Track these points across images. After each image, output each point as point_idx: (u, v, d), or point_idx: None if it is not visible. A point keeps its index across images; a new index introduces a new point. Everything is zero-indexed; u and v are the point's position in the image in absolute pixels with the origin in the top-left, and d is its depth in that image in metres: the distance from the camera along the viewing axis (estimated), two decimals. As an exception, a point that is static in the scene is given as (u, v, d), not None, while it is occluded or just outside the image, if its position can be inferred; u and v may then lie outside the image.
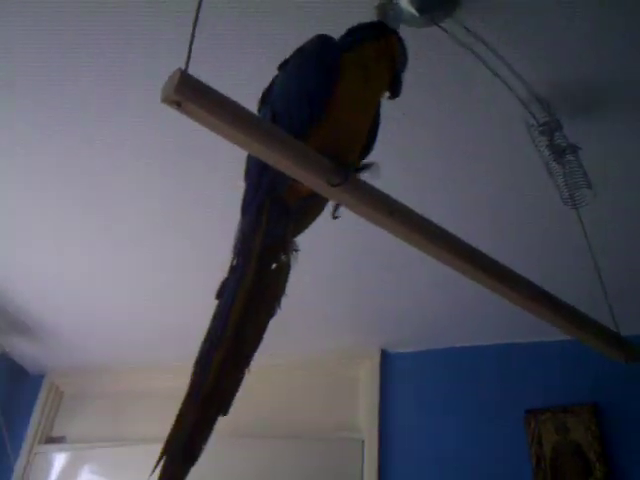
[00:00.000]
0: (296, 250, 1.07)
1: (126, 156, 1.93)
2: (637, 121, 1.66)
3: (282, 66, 1.16)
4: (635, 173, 1.80)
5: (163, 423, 2.98)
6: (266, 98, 1.13)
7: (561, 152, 1.56)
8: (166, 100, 0.75)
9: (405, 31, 1.46)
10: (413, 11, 1.39)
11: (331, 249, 2.20)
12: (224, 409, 0.98)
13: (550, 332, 2.29)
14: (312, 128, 1.00)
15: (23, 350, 2.98)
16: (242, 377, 1.00)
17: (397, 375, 2.63)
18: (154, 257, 2.34)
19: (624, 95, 1.61)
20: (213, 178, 1.96)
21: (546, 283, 1.20)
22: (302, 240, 2.11)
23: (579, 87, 1.59)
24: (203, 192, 2.03)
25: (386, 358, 2.69)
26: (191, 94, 0.74)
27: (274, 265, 1.05)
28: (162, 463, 0.92)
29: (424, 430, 2.47)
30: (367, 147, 1.14)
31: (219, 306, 0.99)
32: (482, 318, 2.44)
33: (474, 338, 2.57)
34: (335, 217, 1.07)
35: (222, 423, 2.80)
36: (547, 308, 1.15)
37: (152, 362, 2.93)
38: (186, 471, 0.93)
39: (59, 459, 2.93)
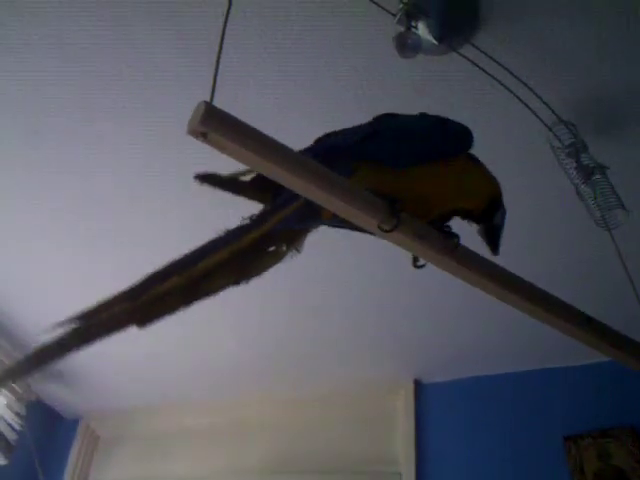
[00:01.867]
0: (298, 251, 1.07)
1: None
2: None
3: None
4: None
5: (199, 460, 2.99)
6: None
7: (589, 173, 1.54)
8: (192, 132, 0.76)
9: (424, 60, 1.49)
10: (432, 39, 1.39)
11: (358, 280, 2.20)
12: (143, 322, 1.02)
13: (582, 356, 2.29)
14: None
15: (57, 395, 3.00)
16: (173, 310, 1.02)
17: (432, 405, 2.61)
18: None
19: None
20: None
21: (585, 306, 1.18)
22: (332, 274, 2.15)
23: (602, 106, 1.59)
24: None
25: (420, 388, 2.67)
26: (217, 125, 0.75)
27: (273, 247, 1.05)
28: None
29: (462, 461, 2.42)
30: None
31: (208, 242, 0.99)
32: (513, 345, 2.42)
33: (507, 365, 2.54)
34: (418, 266, 1.06)
35: (255, 459, 2.79)
36: (590, 334, 1.13)
37: (185, 400, 2.94)
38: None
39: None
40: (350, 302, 2.30)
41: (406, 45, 1.40)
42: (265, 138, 0.79)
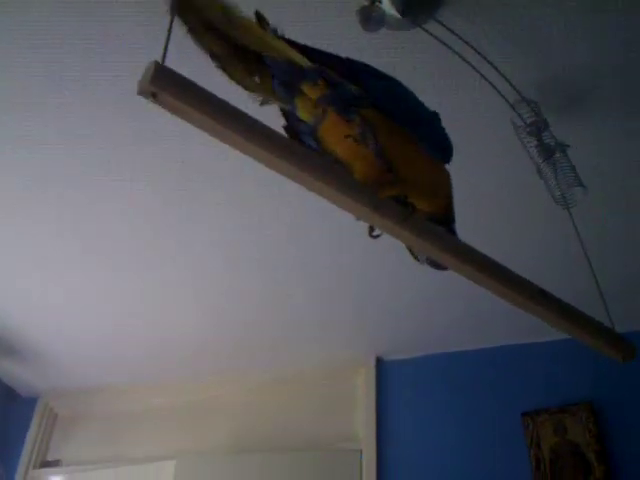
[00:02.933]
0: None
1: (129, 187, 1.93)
2: (624, 118, 1.67)
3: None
4: (624, 169, 1.81)
5: (159, 443, 2.98)
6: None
7: (550, 152, 1.55)
8: (142, 92, 0.74)
9: (388, 35, 1.48)
10: (395, 14, 1.38)
11: (323, 259, 2.19)
12: None
13: (542, 333, 2.33)
14: None
15: (14, 373, 2.94)
16: None
17: (393, 383, 2.63)
18: (148, 278, 2.32)
19: (610, 93, 1.62)
20: (210, 200, 1.97)
21: (540, 282, 1.18)
22: (295, 253, 2.14)
23: (565, 85, 1.59)
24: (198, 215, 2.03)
25: (382, 366, 2.68)
26: (167, 85, 0.73)
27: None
28: None
29: (422, 437, 2.45)
30: None
31: None
32: (475, 322, 2.45)
33: (468, 342, 2.57)
34: (374, 236, 1.04)
35: (221, 439, 2.80)
36: (544, 307, 1.13)
37: (146, 382, 2.91)
38: None
39: (55, 483, 2.89)
40: (314, 282, 2.30)
41: (370, 18, 1.38)
42: (217, 100, 0.77)
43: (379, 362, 2.69)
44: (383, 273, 2.24)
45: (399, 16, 1.39)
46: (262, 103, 1.05)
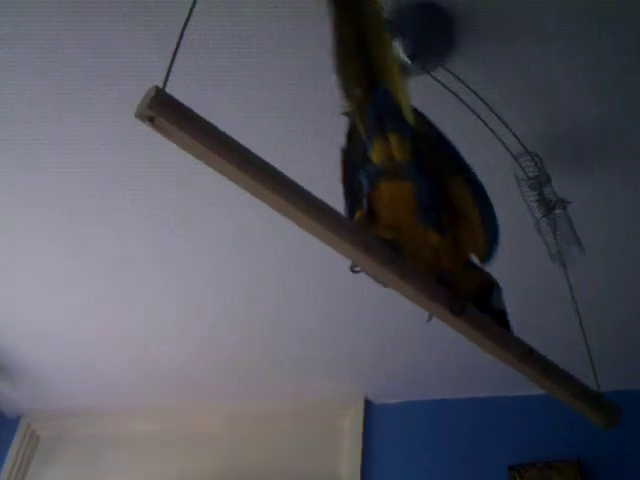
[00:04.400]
0: None
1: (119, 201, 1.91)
2: (626, 179, 1.68)
3: None
4: (622, 226, 1.82)
5: (141, 470, 2.92)
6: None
7: (550, 207, 1.55)
8: (139, 115, 0.74)
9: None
10: (405, 58, 1.39)
11: (316, 296, 2.18)
12: None
13: (532, 386, 2.26)
14: None
15: (-1, 391, 2.91)
16: None
17: (381, 426, 2.60)
18: (135, 303, 2.30)
19: (614, 151, 1.63)
20: (209, 219, 1.95)
21: (529, 339, 1.17)
22: (287, 288, 2.13)
23: (570, 141, 1.60)
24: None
25: (370, 408, 2.65)
26: (165, 110, 0.73)
27: None
28: None
29: (406, 483, 2.41)
30: None
31: None
32: (465, 371, 2.43)
33: (458, 391, 2.55)
34: (355, 271, 1.02)
35: (203, 471, 2.76)
36: (530, 366, 1.12)
37: (133, 405, 2.87)
38: None
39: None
40: (306, 318, 2.28)
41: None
42: (213, 129, 0.77)
43: (367, 404, 2.66)
44: (372, 316, 2.23)
45: (408, 61, 1.40)
46: (346, 114, 1.02)
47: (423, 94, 1.53)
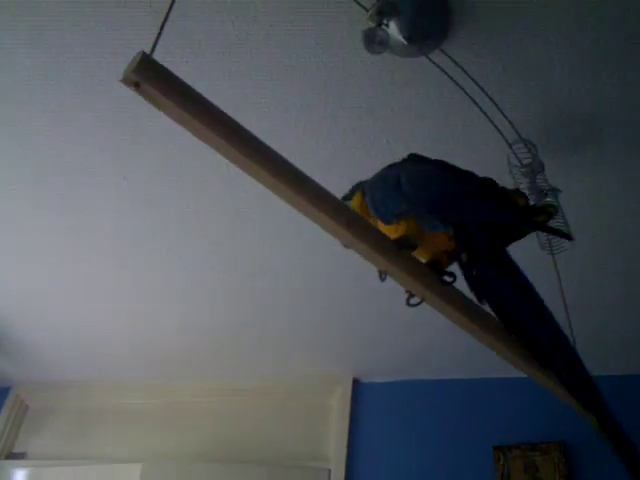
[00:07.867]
0: None
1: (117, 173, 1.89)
2: (621, 166, 1.68)
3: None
4: (614, 215, 1.82)
5: (127, 444, 2.93)
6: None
7: (542, 195, 1.54)
8: (126, 80, 0.74)
9: (392, 61, 1.48)
10: (402, 39, 1.38)
11: (306, 277, 2.18)
12: None
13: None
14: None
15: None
16: None
17: (368, 405, 2.62)
18: (135, 275, 2.30)
19: (609, 140, 1.63)
20: (201, 198, 1.95)
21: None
22: (278, 266, 2.13)
23: (564, 130, 1.60)
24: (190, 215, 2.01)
25: (358, 387, 2.68)
26: (150, 76, 0.73)
27: None
28: None
29: (392, 462, 2.44)
30: None
31: None
32: (453, 352, 2.44)
33: (445, 371, 2.58)
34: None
35: (190, 446, 2.78)
36: (508, 347, 1.12)
37: (121, 380, 2.89)
38: None
39: (18, 476, 2.84)
40: (296, 298, 2.29)
41: (374, 40, 1.38)
42: (201, 98, 0.76)
43: (355, 383, 2.68)
44: (362, 295, 2.24)
45: (405, 42, 1.39)
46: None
47: (421, 76, 1.52)
